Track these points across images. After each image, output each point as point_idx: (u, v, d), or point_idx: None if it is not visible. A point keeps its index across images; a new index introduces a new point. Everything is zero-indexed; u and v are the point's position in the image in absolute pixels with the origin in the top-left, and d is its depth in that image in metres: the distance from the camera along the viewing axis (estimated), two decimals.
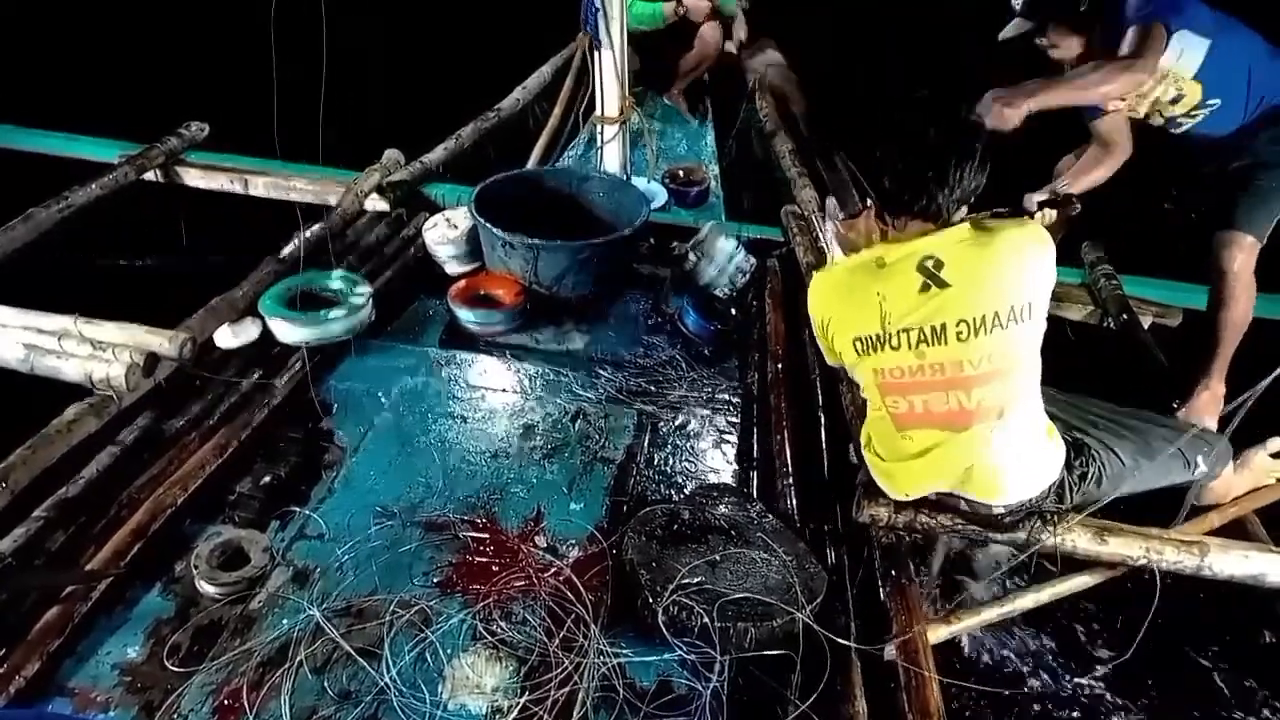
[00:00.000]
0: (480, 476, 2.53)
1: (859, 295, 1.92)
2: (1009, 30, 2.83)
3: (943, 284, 1.82)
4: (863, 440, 2.17)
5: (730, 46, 4.73)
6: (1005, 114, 2.57)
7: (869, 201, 2.05)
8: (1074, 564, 2.21)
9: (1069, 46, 2.80)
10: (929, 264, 1.83)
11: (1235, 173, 2.81)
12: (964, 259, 1.82)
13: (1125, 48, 2.60)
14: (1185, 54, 2.65)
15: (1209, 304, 2.86)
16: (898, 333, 1.86)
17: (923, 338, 1.84)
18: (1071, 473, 2.03)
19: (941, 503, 2.08)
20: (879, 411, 2.02)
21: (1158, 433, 2.15)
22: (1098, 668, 2.51)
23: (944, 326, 1.83)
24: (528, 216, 3.48)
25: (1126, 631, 2.11)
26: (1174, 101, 2.80)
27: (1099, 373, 3.00)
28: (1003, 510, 2.02)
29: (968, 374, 1.85)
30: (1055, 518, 2.09)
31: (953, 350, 1.83)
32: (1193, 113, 2.82)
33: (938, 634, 2.12)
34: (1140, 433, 2.13)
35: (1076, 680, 2.50)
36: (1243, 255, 2.74)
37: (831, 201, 2.72)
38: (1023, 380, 1.90)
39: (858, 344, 1.94)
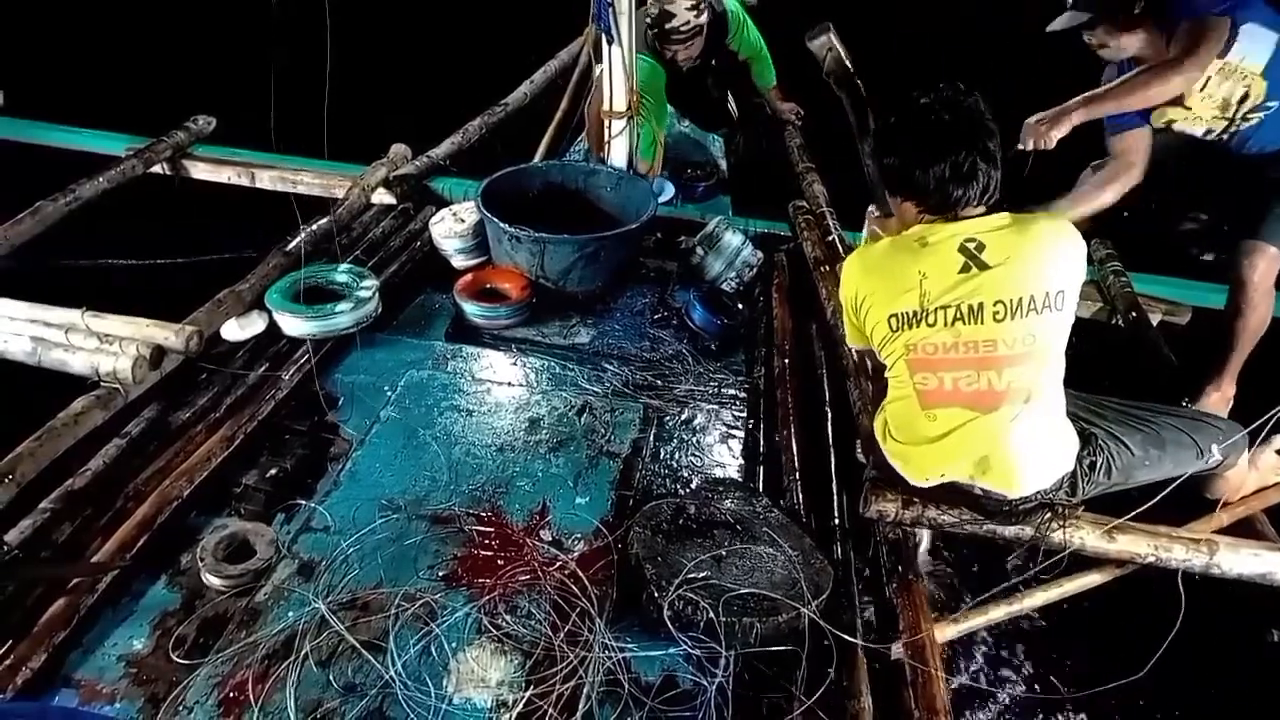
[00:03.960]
0: (486, 470, 2.53)
1: (899, 273, 1.95)
2: (1059, 23, 2.70)
3: (984, 265, 1.87)
4: (878, 428, 2.16)
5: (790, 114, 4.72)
6: (1050, 136, 2.58)
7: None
8: (1083, 562, 2.20)
9: (1117, 47, 2.68)
10: (971, 246, 1.88)
11: (1271, 182, 2.73)
12: (1005, 243, 1.87)
13: (1177, 45, 2.53)
14: (1252, 49, 2.55)
15: (1226, 309, 2.82)
16: (935, 310, 1.90)
17: (959, 316, 1.88)
18: (1081, 463, 2.03)
19: (953, 493, 2.07)
20: (903, 391, 2.02)
21: (1167, 422, 2.14)
22: (1102, 667, 2.50)
23: (981, 306, 1.87)
24: (534, 210, 3.48)
25: (1136, 632, 2.09)
26: (1243, 99, 2.66)
27: (1107, 370, 2.99)
28: (1018, 499, 2.01)
29: (1001, 353, 1.88)
30: (1066, 510, 2.08)
31: (988, 329, 1.87)
32: (1249, 115, 2.69)
33: (945, 633, 2.11)
34: (1150, 423, 2.12)
35: (1080, 679, 2.48)
36: (1264, 264, 2.69)
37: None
38: (1050, 368, 1.93)
39: (893, 320, 1.96)
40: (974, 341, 1.89)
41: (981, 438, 1.94)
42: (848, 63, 3.04)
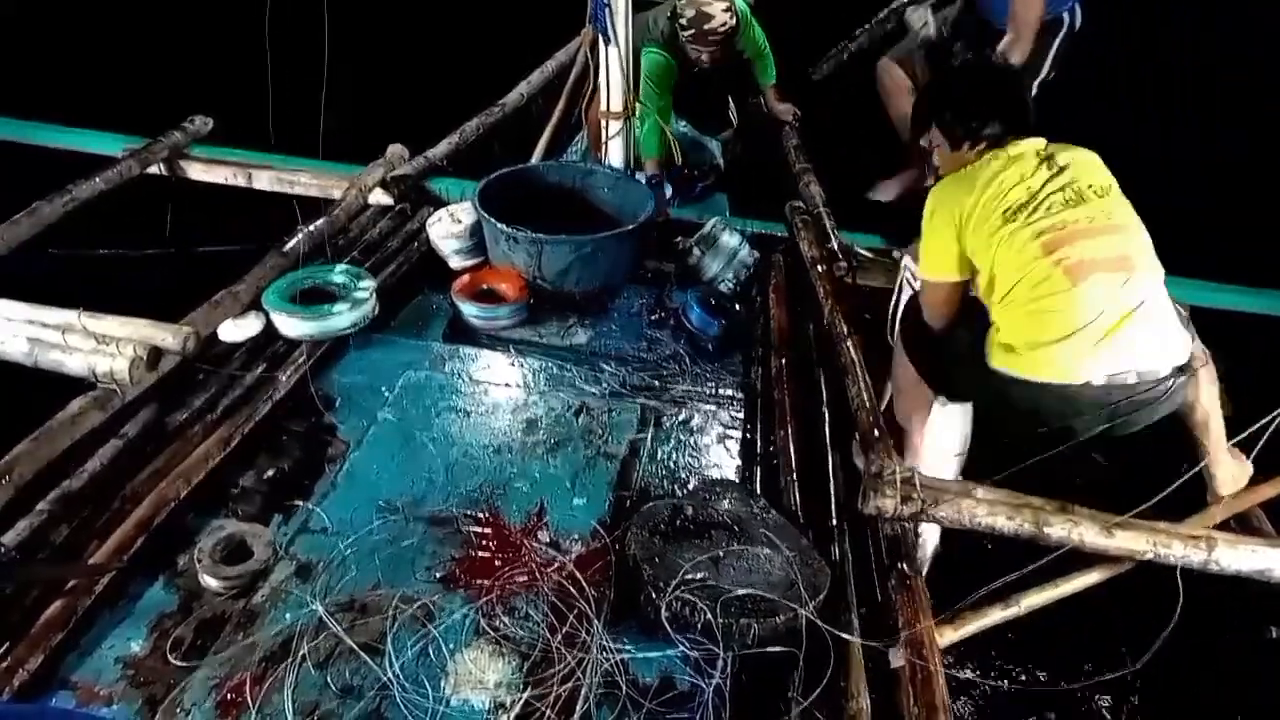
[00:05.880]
0: (483, 471, 2.53)
1: (999, 176, 2.18)
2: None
3: (1063, 168, 2.17)
4: (993, 350, 2.24)
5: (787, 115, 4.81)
6: None
7: None
8: (1081, 560, 2.20)
9: None
10: (1044, 154, 2.21)
11: None
12: (1066, 153, 2.21)
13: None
14: None
15: None
16: (1045, 197, 2.13)
17: (1066, 200, 2.12)
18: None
19: (1097, 393, 2.13)
20: (1039, 278, 2.09)
21: None
22: (1104, 663, 2.50)
23: (1079, 190, 2.14)
24: (532, 211, 3.47)
25: (1136, 628, 2.09)
26: None
27: None
28: (1169, 374, 2.13)
29: (1116, 222, 2.13)
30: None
31: (1093, 206, 2.12)
32: None
33: (944, 637, 2.10)
34: None
35: (1082, 675, 2.48)
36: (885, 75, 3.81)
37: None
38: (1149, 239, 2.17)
39: (1008, 212, 2.14)
40: (1091, 215, 2.11)
41: (1132, 296, 2.07)
42: (932, 37, 3.32)
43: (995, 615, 2.17)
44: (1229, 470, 2.37)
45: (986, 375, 2.26)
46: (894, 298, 2.91)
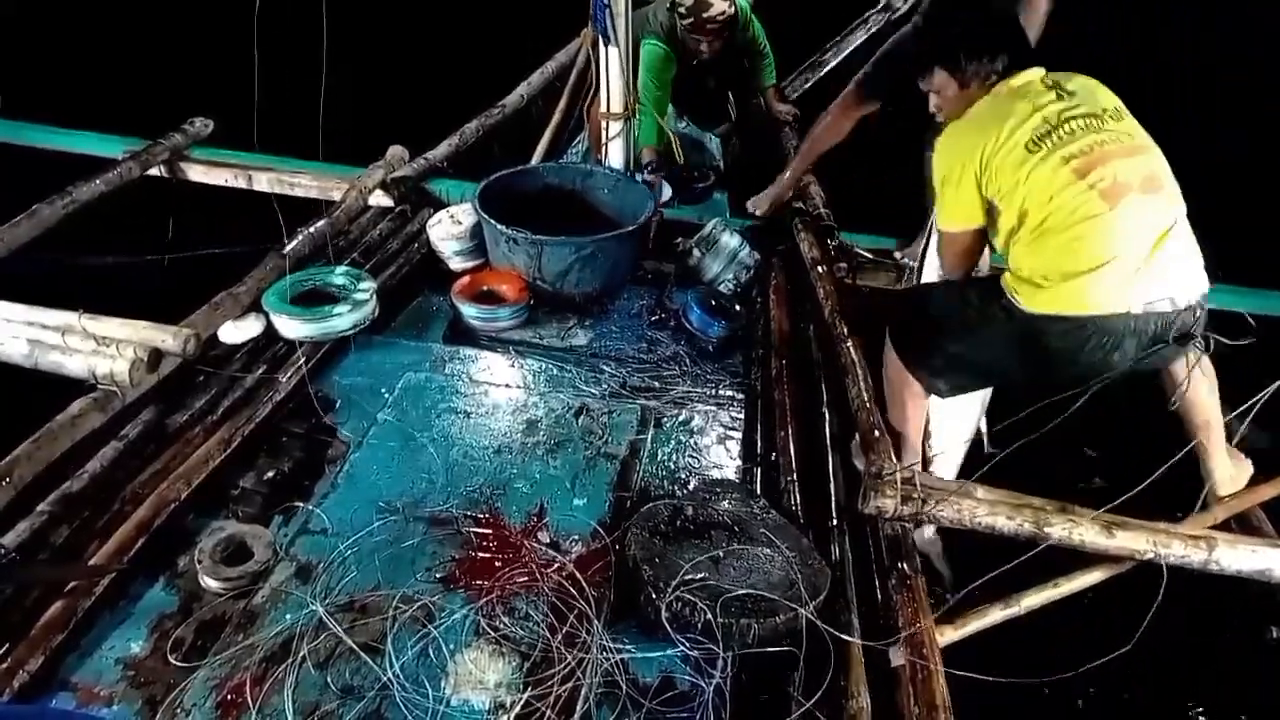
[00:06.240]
0: (483, 472, 2.53)
1: (1013, 110, 2.15)
2: None
3: (1073, 93, 2.16)
4: (1021, 294, 2.17)
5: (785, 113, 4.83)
6: None
7: None
8: (1081, 560, 2.20)
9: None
10: (1049, 82, 2.19)
11: None
12: (1069, 80, 2.20)
13: None
14: None
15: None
16: (1064, 123, 2.11)
17: (1086, 125, 2.10)
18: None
19: (1122, 325, 2.08)
20: (1072, 205, 2.05)
21: None
22: (1104, 662, 2.50)
23: (1094, 114, 2.12)
24: (532, 212, 3.47)
25: (1134, 625, 2.09)
26: None
27: None
28: (1196, 303, 2.10)
29: (1138, 143, 2.12)
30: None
31: (1112, 129, 2.11)
32: None
33: (944, 637, 2.10)
34: None
35: (1083, 675, 2.48)
36: (850, 89, 3.43)
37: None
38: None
39: (1031, 144, 2.10)
40: (1116, 137, 2.09)
41: (1162, 216, 2.06)
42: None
43: (995, 615, 2.17)
44: (1228, 470, 2.36)
45: (1013, 323, 2.19)
46: (922, 247, 2.90)
